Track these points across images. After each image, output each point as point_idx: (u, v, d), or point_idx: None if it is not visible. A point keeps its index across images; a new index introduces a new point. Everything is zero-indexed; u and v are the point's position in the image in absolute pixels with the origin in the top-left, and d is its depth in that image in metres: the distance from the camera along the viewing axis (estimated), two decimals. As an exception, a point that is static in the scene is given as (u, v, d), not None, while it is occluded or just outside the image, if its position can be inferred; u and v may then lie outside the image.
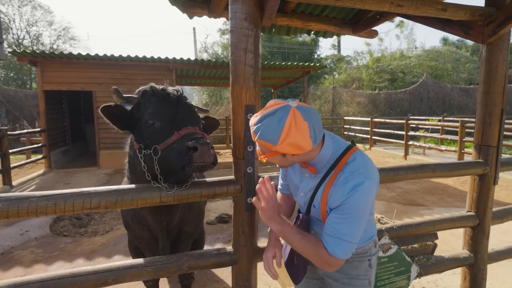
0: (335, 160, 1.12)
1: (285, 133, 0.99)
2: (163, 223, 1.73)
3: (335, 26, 2.89)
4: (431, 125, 10.03)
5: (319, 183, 1.15)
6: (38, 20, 23.94)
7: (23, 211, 1.20)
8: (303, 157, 1.12)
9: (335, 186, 1.09)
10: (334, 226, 1.07)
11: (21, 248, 3.60)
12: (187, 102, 1.58)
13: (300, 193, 1.25)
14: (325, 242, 1.08)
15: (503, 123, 2.00)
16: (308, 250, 1.09)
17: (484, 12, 1.88)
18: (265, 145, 1.04)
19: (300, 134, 1.00)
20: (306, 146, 1.02)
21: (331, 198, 1.10)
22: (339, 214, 1.07)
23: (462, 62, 23.24)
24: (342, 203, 1.06)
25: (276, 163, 1.16)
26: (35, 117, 14.44)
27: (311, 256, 1.10)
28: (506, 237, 3.74)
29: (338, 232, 1.06)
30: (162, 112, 1.47)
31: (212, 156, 1.32)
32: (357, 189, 1.04)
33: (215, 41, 33.89)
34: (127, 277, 1.39)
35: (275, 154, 1.07)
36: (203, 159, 1.28)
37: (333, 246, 1.06)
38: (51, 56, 7.13)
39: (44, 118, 7.74)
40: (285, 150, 1.02)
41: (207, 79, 10.52)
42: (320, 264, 1.10)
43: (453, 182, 6.67)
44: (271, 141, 1.01)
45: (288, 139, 0.99)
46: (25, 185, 6.48)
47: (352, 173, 1.07)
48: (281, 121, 0.99)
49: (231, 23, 1.43)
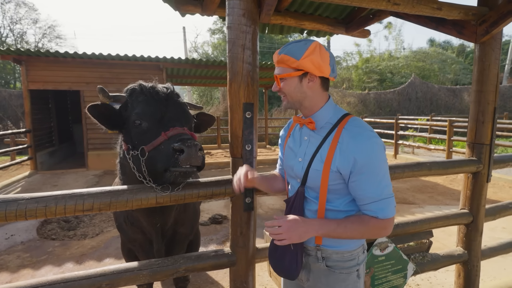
0: (338, 119, 1.12)
1: (309, 51, 1.05)
2: (157, 225, 1.68)
3: (329, 26, 2.90)
4: (420, 124, 10.22)
5: (321, 142, 1.11)
6: (22, 18, 23.31)
7: (11, 215, 1.14)
8: (311, 102, 1.13)
9: (343, 143, 1.05)
10: (369, 189, 1.03)
11: (6, 253, 3.47)
12: (178, 100, 1.51)
13: (299, 158, 1.18)
14: (371, 211, 1.04)
15: (495, 121, 2.03)
16: (358, 231, 1.05)
17: (477, 11, 1.90)
18: (288, 60, 1.07)
19: (323, 57, 1.07)
20: (325, 70, 1.08)
21: (340, 156, 1.05)
22: (368, 174, 1.02)
23: (448, 63, 23.79)
24: (357, 155, 1.01)
25: (288, 93, 1.14)
26: (19, 117, 14.04)
27: (364, 234, 1.06)
28: (495, 233, 3.82)
29: (376, 193, 1.03)
30: (149, 111, 1.40)
31: (200, 158, 1.24)
32: (374, 140, 1.03)
33: (205, 41, 33.71)
34: (122, 281, 1.34)
35: (294, 74, 1.09)
36: (190, 162, 1.21)
37: (382, 210, 1.03)
38: (37, 54, 6.92)
39: (29, 118, 7.51)
40: (307, 66, 1.06)
41: (198, 79, 10.43)
42: (376, 234, 1.07)
43: (442, 181, 6.79)
44: (294, 55, 1.06)
45: (312, 56, 1.05)
46: (10, 188, 6.28)
47: (359, 127, 1.07)
48: (306, 44, 1.07)
49: (228, 19, 1.39)
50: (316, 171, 1.10)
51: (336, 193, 1.11)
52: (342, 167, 1.05)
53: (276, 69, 1.16)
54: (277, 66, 1.14)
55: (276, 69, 1.16)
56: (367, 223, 1.05)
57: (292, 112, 15.85)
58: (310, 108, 1.15)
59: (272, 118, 14.56)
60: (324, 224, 1.06)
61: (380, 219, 1.04)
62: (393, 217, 1.06)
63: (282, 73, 1.12)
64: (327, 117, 1.14)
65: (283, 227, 1.01)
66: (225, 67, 8.19)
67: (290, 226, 1.01)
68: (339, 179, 1.08)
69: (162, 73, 7.95)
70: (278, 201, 5.25)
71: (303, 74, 1.09)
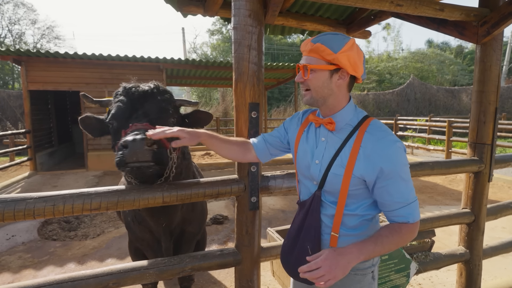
0: (359, 122, 1.07)
1: (348, 46, 1.00)
2: (162, 224, 1.69)
3: (330, 26, 2.91)
4: (419, 125, 10.25)
5: (341, 146, 1.06)
6: (20, 19, 23.26)
7: (20, 214, 1.14)
8: (335, 100, 1.07)
9: (367, 148, 1.01)
10: (397, 195, 1.00)
11: (7, 254, 3.46)
12: (156, 97, 1.44)
13: (315, 161, 1.11)
14: (401, 217, 1.02)
15: (497, 121, 2.05)
16: (394, 242, 1.01)
17: (479, 13, 1.92)
18: (324, 51, 1.00)
19: (359, 56, 1.03)
20: (359, 70, 1.04)
21: (365, 162, 1.00)
22: (395, 180, 0.99)
23: (446, 64, 23.90)
24: (384, 164, 0.98)
25: (314, 88, 1.06)
26: (18, 118, 14.00)
27: (399, 243, 1.02)
28: (495, 233, 3.84)
29: (404, 197, 1.01)
30: (119, 111, 1.39)
31: (148, 152, 1.15)
32: (397, 144, 1.00)
33: (204, 42, 33.69)
34: (128, 280, 1.35)
35: (327, 68, 1.02)
36: (137, 157, 1.14)
37: (411, 214, 1.01)
38: (37, 55, 6.91)
39: (29, 119, 7.49)
40: (343, 61, 1.00)
41: (198, 80, 10.43)
42: (407, 239, 1.03)
43: (441, 181, 6.82)
44: (332, 47, 1.00)
45: (350, 52, 1.00)
46: (10, 188, 6.26)
47: (383, 131, 1.03)
48: (345, 38, 1.02)
49: (234, 20, 1.41)
50: (336, 175, 1.05)
51: (355, 198, 1.07)
52: (367, 174, 1.01)
53: (305, 59, 1.07)
54: (308, 55, 1.05)
55: (305, 59, 1.07)
56: (399, 232, 1.02)
57: (291, 112, 15.86)
58: (333, 107, 1.09)
59: (271, 119, 14.58)
60: (363, 249, 0.98)
61: (411, 223, 1.02)
62: (419, 220, 1.04)
63: (314, 64, 1.03)
64: (347, 118, 1.09)
65: (324, 268, 0.91)
66: (224, 68, 8.20)
67: (330, 264, 0.92)
68: (360, 185, 1.04)
69: (162, 74, 7.94)
70: (279, 202, 5.26)
71: (335, 70, 1.03)
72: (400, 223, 1.03)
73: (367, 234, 1.09)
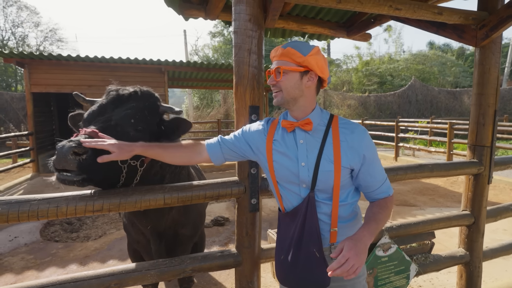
0: (328, 120, 1.17)
1: (315, 51, 1.10)
2: (147, 227, 1.68)
3: (330, 29, 2.94)
4: (420, 127, 10.23)
5: (322, 143, 1.13)
6: (24, 21, 23.44)
7: (24, 215, 1.16)
8: (305, 101, 1.15)
9: (347, 140, 1.12)
10: (377, 174, 1.15)
11: (10, 255, 3.48)
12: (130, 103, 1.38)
13: (301, 163, 1.12)
14: (384, 192, 1.17)
15: (496, 123, 2.06)
16: (386, 216, 1.12)
17: (477, 16, 1.94)
18: (294, 54, 1.09)
19: (325, 61, 1.14)
20: (326, 73, 1.14)
21: (351, 153, 1.11)
22: (372, 163, 1.14)
23: (448, 66, 23.86)
24: (365, 151, 1.12)
25: (285, 89, 1.12)
26: (21, 120, 14.08)
27: (388, 216, 1.14)
28: (496, 235, 3.84)
29: (382, 175, 1.16)
30: (88, 115, 1.35)
31: (73, 162, 1.08)
32: (366, 131, 1.16)
33: (206, 44, 33.82)
34: (130, 281, 1.37)
35: (297, 69, 1.11)
36: (61, 165, 1.08)
37: (389, 188, 1.18)
38: (40, 57, 6.97)
39: (32, 121, 7.55)
40: (312, 63, 1.09)
41: (199, 82, 10.47)
42: (391, 210, 1.17)
43: (443, 183, 6.81)
44: (301, 50, 1.09)
45: (317, 56, 1.10)
46: (13, 190, 6.30)
47: (351, 123, 1.16)
48: (311, 45, 1.13)
49: (234, 24, 1.43)
50: (328, 172, 1.10)
51: (344, 188, 1.15)
52: (354, 162, 1.12)
53: (276, 63, 1.14)
54: (280, 59, 1.12)
55: (276, 63, 1.14)
56: (386, 206, 1.15)
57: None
58: (304, 108, 1.16)
59: (272, 121, 14.54)
60: (370, 229, 1.04)
61: (391, 195, 1.18)
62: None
63: (285, 66, 1.11)
64: (318, 119, 1.17)
65: (352, 258, 0.92)
66: (225, 70, 8.24)
67: (356, 252, 0.93)
68: (348, 174, 1.14)
69: (164, 76, 7.98)
70: (280, 203, 5.27)
71: (304, 72, 1.12)
72: (385, 198, 1.17)
73: (358, 223, 1.22)
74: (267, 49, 22.56)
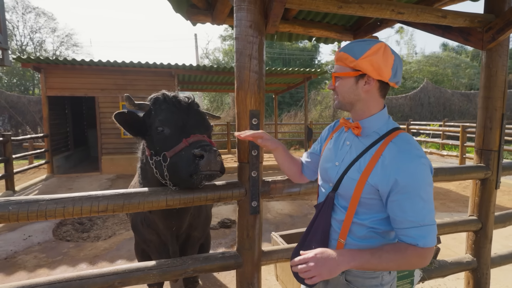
0: (387, 131, 1.05)
1: (372, 51, 1.00)
2: (172, 228, 1.75)
3: (336, 33, 2.94)
4: (432, 130, 10.04)
5: (363, 151, 1.05)
6: (41, 27, 24.20)
7: (33, 215, 1.22)
8: (363, 106, 1.07)
9: (386, 157, 0.98)
10: (410, 212, 0.94)
11: (24, 253, 3.61)
12: (198, 109, 1.59)
13: (335, 163, 1.12)
14: (410, 237, 0.95)
15: (503, 127, 2.02)
16: (395, 261, 0.96)
17: (483, 19, 1.91)
18: (346, 58, 1.03)
19: (385, 60, 1.00)
20: (385, 74, 1.01)
21: (381, 172, 0.98)
22: (410, 195, 0.94)
23: (462, 68, 23.35)
24: (399, 176, 0.94)
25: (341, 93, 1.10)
26: (37, 122, 14.53)
27: (401, 265, 0.97)
28: (509, 242, 3.73)
29: (419, 217, 0.94)
30: (171, 119, 1.49)
31: (219, 164, 1.32)
32: (421, 160, 0.95)
33: (216, 47, 34.15)
34: (133, 280, 1.41)
35: (350, 74, 1.04)
36: (210, 167, 1.29)
37: (423, 237, 0.94)
38: (55, 62, 7.20)
39: (47, 124, 7.79)
40: (365, 66, 1.00)
41: (209, 85, 10.59)
42: (414, 264, 0.96)
43: (455, 187, 6.66)
44: (354, 54, 1.01)
45: (372, 57, 0.99)
46: (28, 190, 6.50)
47: (408, 144, 0.99)
48: (370, 44, 1.02)
49: (236, 30, 1.46)
50: (351, 179, 1.04)
51: (367, 208, 1.04)
52: (381, 183, 0.98)
53: (334, 67, 1.12)
54: (336, 64, 1.09)
55: (334, 67, 1.12)
56: (404, 252, 0.95)
57: (302, 117, 15.82)
58: (361, 112, 1.09)
59: (282, 124, 14.59)
60: (356, 255, 0.96)
61: (420, 247, 0.94)
62: (433, 247, 0.95)
63: (338, 71, 1.08)
64: (376, 126, 1.07)
65: (313, 265, 0.92)
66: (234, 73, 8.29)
67: (318, 261, 0.93)
68: (374, 194, 1.01)
69: (174, 80, 8.12)
70: (287, 206, 5.26)
71: (360, 75, 1.04)
72: (408, 243, 0.96)
73: None
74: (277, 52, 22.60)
